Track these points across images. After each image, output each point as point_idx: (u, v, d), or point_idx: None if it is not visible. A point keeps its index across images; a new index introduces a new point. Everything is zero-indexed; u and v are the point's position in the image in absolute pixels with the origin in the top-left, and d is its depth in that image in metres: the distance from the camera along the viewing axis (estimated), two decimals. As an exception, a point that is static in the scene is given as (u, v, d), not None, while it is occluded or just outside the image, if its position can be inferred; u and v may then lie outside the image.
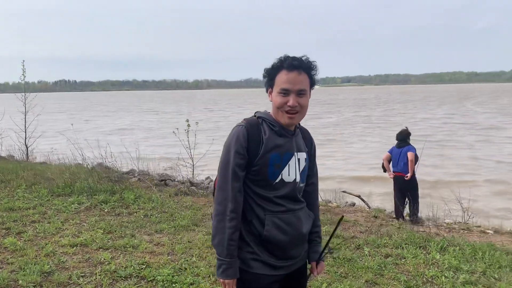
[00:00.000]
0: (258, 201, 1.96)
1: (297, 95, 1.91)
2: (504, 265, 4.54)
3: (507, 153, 16.89)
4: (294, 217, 2.00)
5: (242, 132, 1.93)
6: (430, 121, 30.80)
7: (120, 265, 4.23)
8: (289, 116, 1.93)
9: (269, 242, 1.96)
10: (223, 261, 1.91)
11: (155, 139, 23.08)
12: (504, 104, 51.48)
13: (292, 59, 1.91)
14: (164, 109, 56.46)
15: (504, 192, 11.33)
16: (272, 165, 1.93)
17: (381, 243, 5.25)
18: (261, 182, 1.95)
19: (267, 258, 1.98)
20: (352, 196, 9.45)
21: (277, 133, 1.97)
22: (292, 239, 2.00)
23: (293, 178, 1.99)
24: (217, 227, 1.92)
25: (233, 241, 1.91)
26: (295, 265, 2.09)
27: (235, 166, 1.91)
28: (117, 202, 6.57)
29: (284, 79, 1.91)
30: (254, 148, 1.92)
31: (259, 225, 1.95)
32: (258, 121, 1.99)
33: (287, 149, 1.98)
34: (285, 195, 1.98)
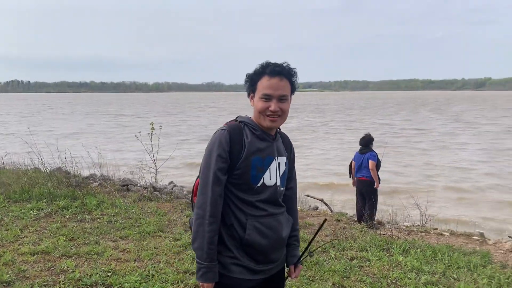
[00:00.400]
0: (240, 205, 1.97)
1: (279, 101, 1.96)
2: (462, 266, 4.75)
3: (460, 159, 17.66)
4: (275, 221, 2.03)
5: (225, 136, 1.95)
6: (388, 127, 31.74)
7: (84, 273, 4.11)
8: (270, 119, 1.97)
9: (250, 247, 1.98)
10: (202, 264, 1.91)
11: (116, 143, 22.54)
12: (457, 111, 53.83)
13: (274, 66, 1.96)
14: (122, 112, 55.25)
15: (459, 196, 11.83)
16: (254, 168, 1.95)
17: (346, 246, 5.37)
18: (243, 186, 1.97)
19: (248, 262, 1.99)
20: (315, 200, 9.61)
21: (259, 137, 2.00)
22: (273, 243, 2.03)
23: (274, 182, 2.02)
24: (197, 231, 1.93)
25: (212, 244, 1.91)
26: (274, 269, 2.12)
27: (217, 170, 1.92)
28: (79, 208, 6.38)
29: (266, 85, 1.95)
30: (236, 151, 1.94)
31: (240, 230, 1.97)
32: (240, 126, 2.01)
33: (269, 153, 2.01)
34: (266, 199, 2.00)
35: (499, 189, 12.47)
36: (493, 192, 12.15)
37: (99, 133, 27.57)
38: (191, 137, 25.14)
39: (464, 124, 34.39)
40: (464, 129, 30.03)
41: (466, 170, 15.09)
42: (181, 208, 6.93)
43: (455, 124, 33.79)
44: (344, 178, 13.10)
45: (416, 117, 43.39)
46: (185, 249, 4.96)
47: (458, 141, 23.13)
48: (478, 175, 14.33)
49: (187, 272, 4.27)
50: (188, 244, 5.07)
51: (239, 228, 1.97)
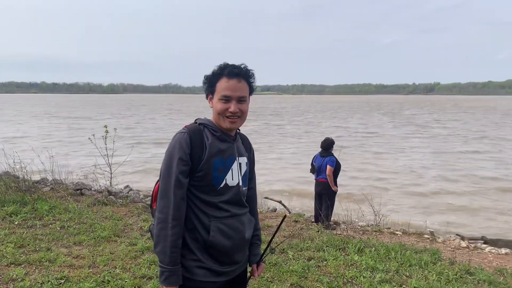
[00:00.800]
0: (203, 207, 1.97)
1: (238, 102, 1.98)
2: (414, 264, 4.94)
3: (412, 161, 18.35)
4: (238, 222, 2.04)
5: (185, 138, 1.93)
6: (343, 130, 32.50)
7: (35, 281, 3.95)
8: (230, 120, 1.98)
9: (213, 248, 1.97)
10: (166, 268, 1.89)
11: (68, 146, 21.77)
12: (408, 114, 55.91)
13: (232, 67, 1.97)
14: (74, 114, 53.45)
15: (411, 197, 12.29)
16: (216, 169, 1.96)
17: (304, 246, 5.45)
18: (206, 188, 1.96)
19: (212, 264, 1.99)
20: (273, 202, 9.70)
21: (220, 138, 2.00)
22: (237, 244, 2.04)
23: (236, 182, 2.03)
24: (159, 235, 1.91)
25: (176, 248, 1.90)
26: (238, 270, 2.13)
27: (179, 174, 1.90)
28: (29, 214, 6.11)
29: (224, 86, 1.96)
30: (197, 154, 1.93)
31: (204, 232, 1.96)
32: (200, 128, 2.01)
33: (230, 154, 2.02)
34: (229, 200, 2.01)
35: (447, 190, 13.05)
36: (442, 193, 12.71)
37: (49, 136, 26.51)
38: (146, 140, 24.68)
39: (415, 127, 35.76)
40: (415, 132, 31.21)
41: (417, 172, 15.68)
42: (138, 213, 6.79)
43: (408, 128, 35.06)
44: (301, 182, 13.33)
45: (370, 120, 44.70)
46: (142, 254, 4.86)
47: (410, 144, 24.00)
48: (428, 177, 14.93)
49: (144, 277, 4.20)
50: (145, 249, 4.98)
51: (202, 230, 1.97)
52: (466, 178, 14.55)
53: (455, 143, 24.29)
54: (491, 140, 25.39)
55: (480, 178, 14.43)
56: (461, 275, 4.70)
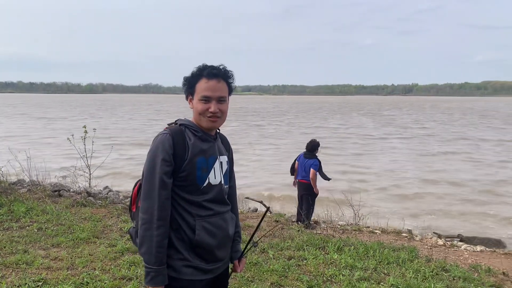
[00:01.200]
0: (187, 207, 1.99)
1: (218, 102, 2.02)
2: (391, 261, 5.04)
3: (391, 161, 18.64)
4: (221, 220, 2.08)
5: (168, 139, 1.95)
6: (324, 131, 32.76)
7: (12, 284, 3.89)
8: (211, 120, 2.02)
9: (199, 247, 2.00)
10: (151, 268, 1.90)
11: (46, 147, 21.38)
12: (387, 115, 56.70)
13: (211, 68, 2.01)
14: (51, 114, 52.51)
15: (389, 196, 12.50)
16: (199, 169, 1.99)
17: (284, 246, 5.49)
18: (189, 188, 1.99)
19: (198, 263, 2.02)
20: (254, 202, 9.72)
21: (201, 138, 2.04)
22: (221, 242, 2.08)
23: (218, 181, 2.07)
24: (144, 236, 1.91)
25: (161, 248, 1.91)
26: (222, 267, 2.17)
27: (163, 174, 1.92)
28: (5, 216, 6.00)
29: (204, 87, 2.00)
30: (180, 154, 1.95)
31: (189, 231, 1.99)
32: (181, 128, 2.03)
33: (211, 153, 2.06)
34: (213, 198, 2.05)
35: (426, 190, 13.30)
36: (420, 193, 12.94)
37: (23, 137, 25.98)
38: (124, 142, 24.42)
39: (395, 127, 36.30)
40: (395, 133, 31.68)
41: (397, 173, 15.93)
42: (117, 214, 6.73)
43: (388, 128, 35.56)
44: (281, 184, 13.40)
45: (350, 121, 45.16)
46: (121, 255, 4.83)
47: (390, 144, 24.36)
48: (407, 177, 15.18)
49: (124, 278, 4.17)
50: (125, 250, 4.95)
51: (187, 229, 1.99)
52: (444, 178, 14.83)
53: (434, 144, 24.73)
54: (469, 141, 25.91)
55: (457, 179, 14.73)
56: (437, 272, 4.81)
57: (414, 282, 4.38)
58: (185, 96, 2.10)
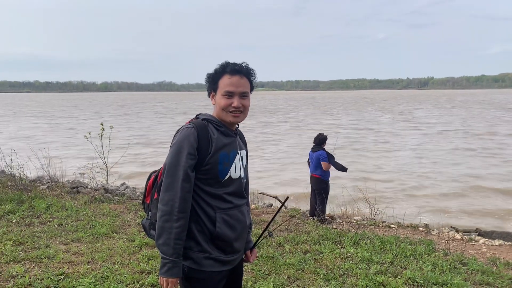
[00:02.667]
0: (208, 199, 2.03)
1: (240, 97, 2.06)
2: (408, 255, 5.02)
3: (406, 157, 18.47)
4: (240, 212, 2.13)
5: (193, 132, 1.99)
6: (338, 127, 32.61)
7: (35, 278, 3.98)
8: (233, 115, 2.06)
9: (219, 239, 2.05)
10: (169, 260, 1.94)
11: (64, 145, 21.72)
12: (403, 110, 56.11)
13: (234, 65, 2.06)
14: (67, 113, 53.26)
15: (406, 191, 12.41)
16: (221, 163, 2.03)
17: (300, 240, 5.51)
18: (211, 181, 2.02)
19: (218, 254, 2.06)
20: (269, 198, 9.76)
21: (224, 133, 2.08)
22: (239, 234, 2.13)
23: (238, 175, 2.12)
24: (163, 227, 1.94)
25: (180, 240, 1.95)
26: (238, 258, 2.22)
27: (187, 168, 1.95)
28: (26, 212, 6.14)
29: (227, 83, 2.04)
30: (204, 148, 1.99)
31: (209, 224, 2.03)
32: (205, 123, 2.07)
33: (233, 148, 2.10)
34: (233, 191, 2.09)
35: (443, 185, 13.17)
36: (438, 188, 12.82)
37: (42, 136, 26.43)
38: (142, 139, 24.67)
39: (412, 123, 35.92)
40: (412, 128, 31.34)
41: (414, 168, 15.78)
42: (135, 209, 6.83)
43: (404, 123, 35.22)
44: (295, 180, 13.40)
45: (366, 116, 44.82)
46: (140, 250, 4.91)
47: (407, 140, 24.12)
48: (425, 173, 15.04)
49: (142, 272, 4.24)
50: (143, 244, 5.03)
51: (208, 222, 2.03)
52: (463, 174, 14.62)
53: (453, 139, 24.34)
54: (491, 136, 25.23)
55: (476, 175, 14.50)
56: (455, 265, 4.78)
57: (432, 276, 4.36)
58: (207, 93, 2.14)
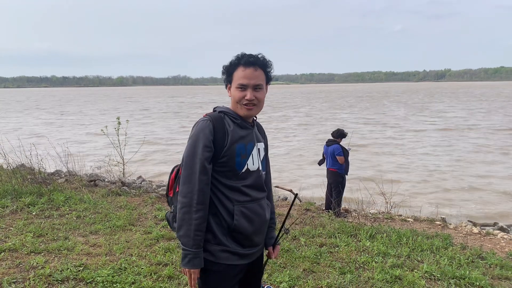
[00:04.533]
0: (226, 192, 2.03)
1: (254, 90, 2.04)
2: (425, 249, 4.98)
3: (422, 151, 18.26)
4: (259, 206, 2.12)
5: (208, 125, 2.00)
6: (352, 122, 32.36)
7: (55, 269, 4.06)
8: (247, 108, 2.05)
9: (237, 232, 2.05)
10: (189, 251, 1.96)
11: (81, 138, 22.03)
12: (420, 103, 55.38)
13: (248, 57, 2.04)
14: (85, 107, 53.91)
15: (423, 185, 12.29)
16: (238, 155, 2.03)
17: (316, 233, 5.52)
18: (229, 173, 2.03)
19: (235, 248, 2.06)
20: (284, 191, 9.75)
21: (240, 125, 2.07)
22: (257, 228, 2.11)
23: (256, 167, 2.11)
24: (183, 219, 1.96)
25: (200, 231, 1.96)
26: (257, 253, 2.20)
27: (204, 160, 1.96)
28: (46, 204, 6.25)
29: (241, 75, 2.02)
30: (220, 140, 1.99)
31: (228, 216, 2.03)
32: (221, 115, 2.07)
33: (250, 140, 2.09)
34: (251, 184, 2.08)
35: (461, 180, 13.00)
36: (455, 182, 12.66)
37: (57, 131, 26.83)
38: (156, 135, 24.86)
39: (430, 117, 35.44)
40: (431, 123, 30.93)
41: (431, 163, 15.59)
42: (151, 202, 6.90)
43: (421, 118, 34.78)
44: (309, 173, 13.37)
45: (381, 110, 44.39)
46: (157, 242, 4.97)
47: (423, 134, 23.82)
48: (441, 167, 14.86)
49: (160, 264, 4.30)
50: (160, 237, 5.09)
51: (226, 215, 2.03)
52: (481, 170, 14.38)
53: (471, 134, 23.87)
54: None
55: (494, 172, 14.25)
56: (473, 259, 4.73)
57: (449, 269, 4.32)
58: (224, 85, 2.14)
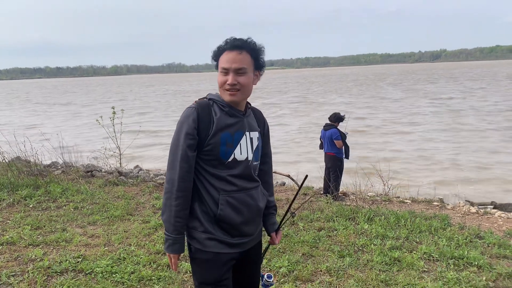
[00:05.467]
0: (212, 181, 2.00)
1: (236, 74, 1.97)
2: (423, 230, 5.00)
3: (421, 135, 18.28)
4: (247, 196, 2.07)
5: (192, 113, 1.97)
6: (348, 105, 32.32)
7: (54, 261, 4.06)
8: (230, 93, 1.99)
9: (223, 222, 2.02)
10: (170, 236, 1.98)
11: (76, 129, 21.93)
12: (417, 85, 55.29)
13: (233, 40, 1.98)
14: (79, 98, 53.60)
15: (420, 166, 12.32)
16: (223, 144, 1.98)
17: (314, 217, 5.52)
18: (214, 162, 2.00)
19: (222, 236, 2.04)
20: (281, 176, 9.75)
21: (228, 113, 2.02)
22: (246, 218, 2.07)
23: (245, 157, 2.05)
24: (165, 204, 1.99)
25: (180, 218, 1.97)
26: (251, 243, 2.17)
27: (186, 148, 1.94)
28: (42, 197, 6.22)
29: (224, 59, 1.98)
30: (204, 128, 1.96)
31: (213, 205, 2.01)
32: (209, 103, 2.03)
33: (238, 128, 2.03)
34: (239, 174, 2.04)
35: (458, 161, 13.03)
36: (452, 164, 12.70)
37: (52, 123, 26.68)
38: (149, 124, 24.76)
39: (427, 99, 35.38)
40: (428, 105, 30.88)
41: (427, 145, 15.61)
42: (149, 191, 6.88)
43: (418, 100, 34.73)
44: (306, 158, 13.37)
45: (379, 93, 44.31)
46: (155, 231, 4.96)
47: (421, 117, 23.78)
48: (439, 149, 14.88)
49: (159, 253, 4.30)
50: (158, 226, 5.08)
51: (211, 203, 2.01)
52: (478, 151, 14.37)
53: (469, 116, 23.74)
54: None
55: (491, 151, 14.26)
56: (471, 239, 4.75)
57: (448, 250, 4.34)
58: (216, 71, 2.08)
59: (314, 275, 3.90)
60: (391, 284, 3.70)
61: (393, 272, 3.95)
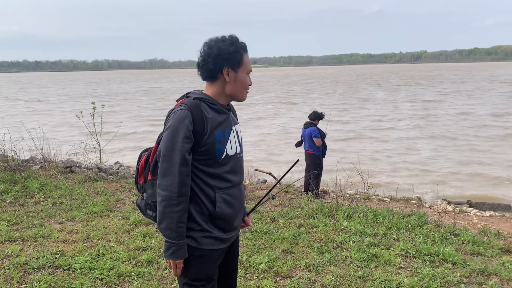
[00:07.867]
0: (207, 180, 2.00)
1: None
2: (401, 227, 5.09)
3: (401, 135, 18.54)
4: (238, 191, 2.11)
5: (187, 115, 1.92)
6: (329, 105, 32.56)
7: (31, 257, 4.01)
8: (247, 93, 2.14)
9: (219, 219, 2.04)
10: (173, 243, 1.93)
11: (56, 125, 21.56)
12: (397, 86, 56.01)
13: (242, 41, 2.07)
14: (60, 93, 52.67)
15: (400, 165, 12.51)
16: (218, 142, 1.99)
17: (294, 214, 5.57)
18: (210, 161, 1.99)
19: (217, 233, 2.06)
20: (263, 174, 9.79)
21: (218, 111, 2.03)
22: (238, 212, 2.12)
23: (234, 151, 2.08)
24: (164, 212, 1.92)
25: (182, 223, 1.94)
26: (235, 236, 2.22)
27: (185, 152, 1.90)
28: (20, 192, 6.13)
29: (247, 61, 2.07)
30: (200, 129, 1.94)
31: (210, 204, 2.01)
32: (197, 102, 1.99)
33: (227, 125, 2.06)
34: (231, 169, 2.06)
35: (436, 160, 13.28)
36: (430, 162, 12.93)
37: (30, 117, 26.19)
38: (131, 119, 24.52)
39: (407, 100, 35.90)
40: (408, 106, 31.34)
41: (407, 143, 15.86)
42: (129, 188, 6.83)
43: (399, 99, 35.21)
44: (287, 156, 13.44)
45: (360, 93, 44.75)
46: (135, 227, 4.94)
47: (400, 116, 24.16)
48: (418, 148, 15.14)
49: (138, 249, 4.28)
50: (138, 222, 5.05)
51: (208, 202, 2.01)
52: (456, 149, 14.68)
53: (448, 117, 24.39)
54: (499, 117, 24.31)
55: (468, 149, 14.59)
56: (447, 236, 4.85)
57: (424, 247, 4.43)
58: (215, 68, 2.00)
59: (293, 271, 3.94)
60: (368, 280, 3.77)
61: (371, 268, 4.01)
